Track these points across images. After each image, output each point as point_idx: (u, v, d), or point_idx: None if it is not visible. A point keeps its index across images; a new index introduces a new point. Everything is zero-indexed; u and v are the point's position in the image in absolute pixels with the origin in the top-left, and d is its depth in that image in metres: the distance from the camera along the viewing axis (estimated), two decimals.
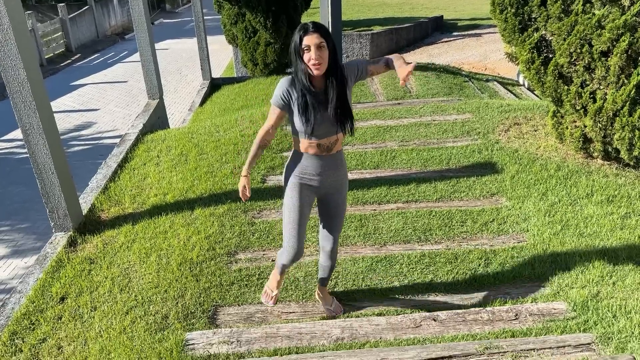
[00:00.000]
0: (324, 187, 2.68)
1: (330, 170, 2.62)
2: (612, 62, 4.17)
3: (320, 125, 2.46)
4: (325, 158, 2.58)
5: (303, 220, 2.68)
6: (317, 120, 2.44)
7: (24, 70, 3.49)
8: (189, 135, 5.55)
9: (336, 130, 2.52)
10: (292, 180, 2.66)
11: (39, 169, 3.80)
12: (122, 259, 3.62)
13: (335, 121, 2.47)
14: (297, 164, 2.63)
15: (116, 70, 18.11)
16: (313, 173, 2.61)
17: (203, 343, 2.70)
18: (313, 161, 2.59)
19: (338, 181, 2.70)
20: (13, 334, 3.11)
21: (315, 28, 2.35)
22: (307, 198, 2.68)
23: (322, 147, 2.54)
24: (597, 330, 2.55)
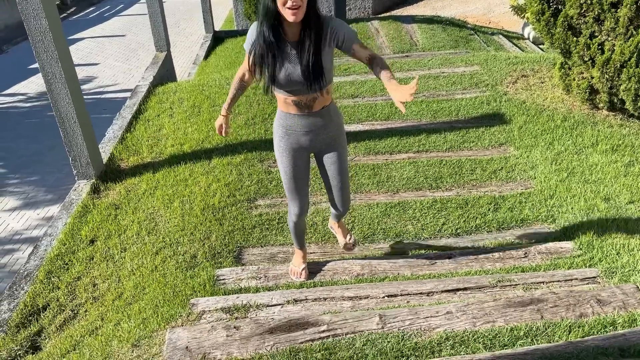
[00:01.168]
0: (315, 145, 2.48)
1: (317, 128, 2.39)
2: (622, 13, 4.23)
3: (288, 81, 2.20)
4: (308, 116, 2.35)
5: (300, 183, 2.56)
6: (286, 76, 2.18)
7: (46, 19, 3.54)
8: (200, 88, 5.62)
9: (309, 88, 2.22)
10: (280, 145, 2.48)
11: (61, 117, 3.90)
12: (146, 205, 3.77)
13: (305, 79, 2.18)
14: (281, 124, 2.43)
15: (113, 24, 17.83)
16: (299, 133, 2.40)
17: (233, 278, 2.88)
18: (296, 120, 2.36)
19: (330, 137, 2.46)
20: (49, 272, 3.29)
21: None
22: (300, 161, 2.51)
23: (300, 104, 2.30)
24: (602, 265, 2.73)
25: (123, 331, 2.59)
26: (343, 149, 2.56)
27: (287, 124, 2.40)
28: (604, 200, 3.52)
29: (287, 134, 2.43)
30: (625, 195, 3.56)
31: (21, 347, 2.82)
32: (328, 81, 2.25)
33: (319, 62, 2.15)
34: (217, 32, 10.40)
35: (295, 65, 2.17)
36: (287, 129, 2.42)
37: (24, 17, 3.52)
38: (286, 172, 2.53)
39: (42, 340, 2.89)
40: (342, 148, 2.55)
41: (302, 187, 2.59)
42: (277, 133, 2.48)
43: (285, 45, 2.17)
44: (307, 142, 2.44)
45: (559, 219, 3.40)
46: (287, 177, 2.54)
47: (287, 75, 2.18)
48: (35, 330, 2.94)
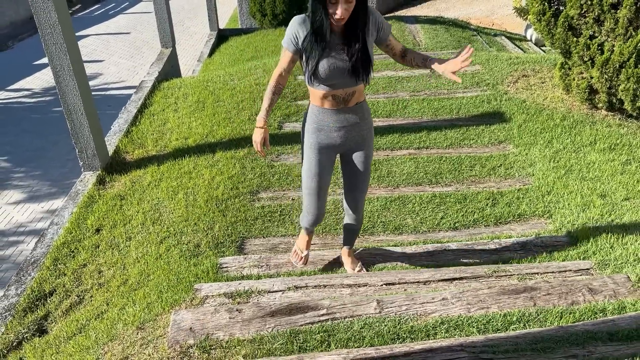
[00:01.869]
0: (345, 144, 2.44)
1: (350, 124, 2.38)
2: (622, 14, 4.30)
3: (334, 74, 2.20)
4: (343, 111, 2.34)
5: (323, 186, 2.52)
6: (330, 67, 2.18)
7: (55, 12, 3.62)
8: (204, 84, 5.70)
9: (352, 80, 2.24)
10: (310, 141, 2.43)
11: (68, 109, 3.98)
12: (151, 196, 3.85)
13: (353, 71, 2.20)
14: (313, 119, 2.39)
15: (118, 22, 17.93)
16: (332, 129, 2.37)
17: (235, 266, 2.95)
18: (330, 115, 2.34)
19: (361, 135, 2.44)
20: (55, 260, 3.37)
21: None
22: (327, 160, 2.47)
23: (338, 98, 2.30)
24: (596, 257, 2.80)
25: (128, 315, 2.66)
26: (370, 150, 2.53)
27: (321, 119, 2.36)
28: (600, 197, 3.58)
29: (319, 129, 2.39)
30: (621, 192, 3.62)
31: (28, 330, 2.90)
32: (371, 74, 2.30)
33: (366, 52, 2.18)
34: (222, 30, 10.48)
35: (341, 55, 2.17)
36: (319, 124, 2.37)
37: (34, 10, 3.60)
38: (311, 168, 2.46)
39: (49, 324, 2.97)
40: (370, 149, 2.53)
41: (323, 186, 2.52)
42: (309, 129, 2.42)
43: (332, 36, 2.17)
44: (338, 139, 2.40)
45: (555, 214, 3.46)
46: (311, 173, 2.47)
47: (330, 66, 2.17)
48: (42, 314, 3.02)
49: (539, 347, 1.88)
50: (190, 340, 2.18)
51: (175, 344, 2.17)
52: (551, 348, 1.88)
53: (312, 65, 2.19)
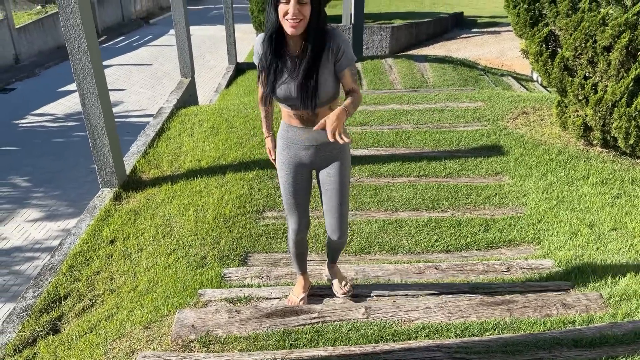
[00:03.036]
0: (316, 162, 2.39)
1: (319, 144, 2.31)
2: (613, 56, 4.55)
3: (287, 96, 2.15)
4: (308, 130, 2.27)
5: (298, 199, 2.48)
6: (282, 88, 2.13)
7: (85, 40, 3.96)
8: (219, 111, 6.02)
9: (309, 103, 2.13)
10: (280, 158, 2.42)
11: (92, 129, 4.28)
12: (163, 212, 4.10)
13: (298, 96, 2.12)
14: (282, 135, 2.38)
15: (141, 54, 18.63)
16: (300, 147, 2.33)
17: (238, 277, 3.16)
18: (297, 133, 2.30)
19: (332, 155, 2.36)
20: (71, 267, 3.61)
21: None
22: (300, 177, 2.43)
23: (301, 118, 2.25)
24: (577, 279, 2.96)
25: (136, 316, 2.87)
26: (344, 169, 2.41)
27: (289, 136, 2.33)
28: (588, 227, 3.76)
29: (287, 146, 2.36)
30: (609, 223, 3.79)
31: (43, 329, 3.11)
32: (326, 98, 2.16)
33: (314, 79, 2.08)
34: (240, 64, 10.93)
35: (296, 78, 2.10)
36: (288, 141, 2.35)
37: (67, 37, 3.95)
38: (285, 186, 2.45)
39: (62, 324, 3.18)
40: (344, 168, 2.41)
41: (300, 203, 2.48)
42: (279, 145, 2.42)
43: (287, 58, 2.12)
44: (307, 158, 2.35)
45: (544, 241, 3.64)
46: (286, 191, 2.46)
47: (286, 88, 2.13)
48: (56, 315, 3.24)
49: (509, 349, 2.06)
50: (192, 336, 2.38)
51: (178, 339, 2.38)
52: (520, 351, 2.05)
53: (266, 85, 2.16)
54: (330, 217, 2.48)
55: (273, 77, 2.14)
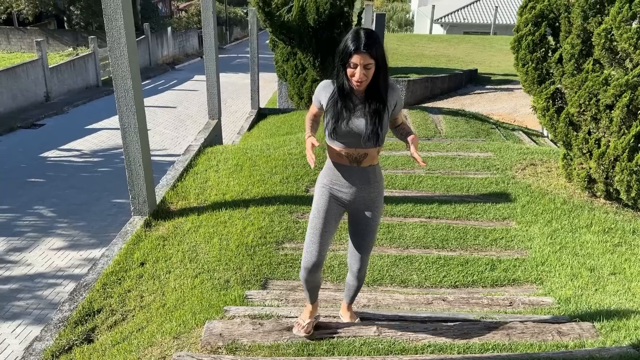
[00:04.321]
0: (354, 202, 2.55)
1: (361, 184, 2.51)
2: (615, 114, 4.87)
3: (348, 132, 2.39)
4: (355, 170, 2.49)
5: (327, 229, 2.56)
6: (346, 126, 2.38)
7: (131, 80, 4.39)
8: (244, 151, 6.41)
9: (365, 142, 2.40)
10: (321, 188, 2.59)
11: (129, 160, 4.66)
12: (190, 239, 4.40)
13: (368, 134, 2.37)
14: (327, 173, 2.57)
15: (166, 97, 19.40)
16: (342, 185, 2.52)
17: (259, 298, 3.42)
18: (342, 171, 2.50)
19: (370, 198, 2.55)
20: (104, 284, 3.89)
21: (367, 47, 2.25)
22: (335, 209, 2.57)
23: (351, 157, 2.46)
24: (573, 314, 3.18)
25: (166, 328, 3.14)
26: (378, 214, 2.61)
27: (334, 174, 2.52)
28: (588, 270, 3.98)
29: (331, 183, 2.54)
30: (608, 268, 4.02)
31: (78, 339, 3.37)
32: (382, 139, 2.44)
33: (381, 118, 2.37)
34: (262, 109, 11.46)
35: (358, 117, 2.38)
36: (332, 178, 2.53)
37: (114, 76, 4.38)
38: (318, 211, 2.56)
39: (95, 335, 3.44)
40: (378, 213, 2.61)
41: (326, 234, 2.56)
42: (322, 181, 2.59)
43: (353, 98, 2.39)
44: (348, 196, 2.52)
45: (546, 282, 3.86)
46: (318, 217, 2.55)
47: (348, 125, 2.37)
48: (90, 327, 3.50)
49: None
50: (220, 343, 2.64)
51: (207, 345, 2.64)
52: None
53: (331, 121, 2.40)
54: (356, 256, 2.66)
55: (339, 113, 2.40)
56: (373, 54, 2.25)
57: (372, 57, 2.26)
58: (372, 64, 2.28)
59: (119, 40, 4.27)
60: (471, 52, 22.74)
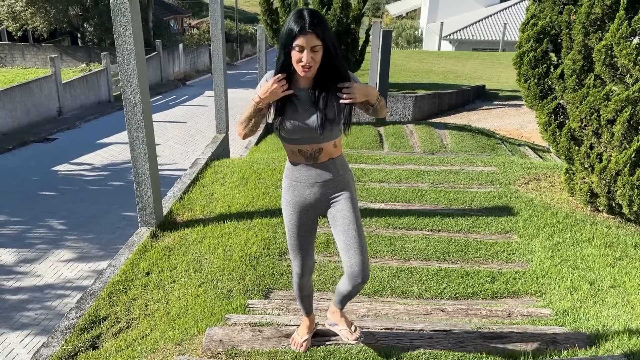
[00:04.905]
0: (322, 201, 2.39)
1: (323, 181, 2.35)
2: (616, 129, 4.92)
3: (296, 127, 2.22)
4: (313, 167, 2.32)
5: (302, 241, 2.46)
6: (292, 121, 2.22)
7: (140, 94, 4.52)
8: (249, 164, 6.51)
9: (317, 136, 2.23)
10: (285, 198, 2.44)
11: (137, 173, 4.77)
12: (195, 250, 4.49)
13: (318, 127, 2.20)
14: (286, 175, 2.43)
15: (176, 112, 19.65)
16: (304, 185, 2.36)
17: (260, 307, 3.49)
18: (301, 171, 2.34)
19: (336, 191, 2.38)
20: (110, 293, 3.98)
21: (313, 26, 2.07)
22: (306, 219, 2.42)
23: (305, 154, 2.29)
24: (571, 325, 3.21)
25: (168, 336, 3.21)
26: (353, 202, 2.40)
27: (293, 175, 2.38)
28: (588, 283, 4.01)
29: (292, 185, 2.39)
30: (608, 281, 4.04)
31: (83, 345, 3.45)
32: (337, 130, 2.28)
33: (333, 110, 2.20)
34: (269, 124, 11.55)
35: (305, 110, 2.22)
36: (292, 180, 2.39)
37: (123, 90, 4.51)
38: (289, 226, 2.45)
39: (100, 342, 3.52)
40: (352, 202, 2.39)
41: (304, 245, 2.46)
42: (284, 185, 2.46)
43: (297, 91, 2.23)
44: (312, 196, 2.37)
45: (545, 294, 3.89)
46: (290, 232, 2.46)
47: (295, 121, 2.21)
48: (96, 334, 3.58)
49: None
50: (220, 349, 2.70)
51: (207, 350, 2.70)
52: None
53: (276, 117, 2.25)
54: (349, 251, 2.34)
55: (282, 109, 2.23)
56: (319, 34, 2.09)
57: (319, 38, 2.10)
58: (319, 45, 2.11)
59: (128, 56, 4.41)
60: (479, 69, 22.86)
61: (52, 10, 24.50)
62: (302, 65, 2.12)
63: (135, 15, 4.31)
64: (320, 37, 2.10)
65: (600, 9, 4.93)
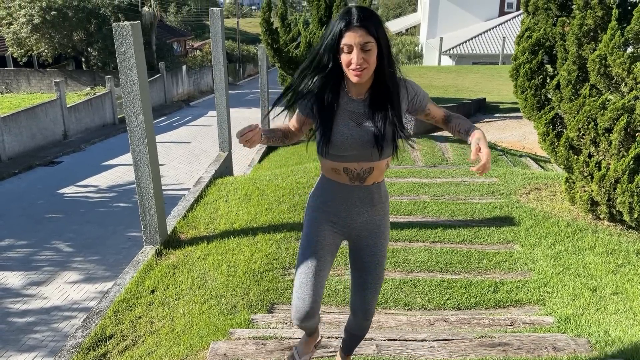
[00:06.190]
0: (355, 229, 2.09)
1: (362, 206, 2.04)
2: (614, 137, 4.96)
3: (350, 144, 1.90)
4: (355, 189, 2.01)
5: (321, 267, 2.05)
6: (344, 135, 1.90)
7: (142, 114, 4.61)
8: (252, 181, 6.58)
9: (371, 154, 1.92)
10: (311, 214, 2.11)
11: (141, 192, 4.84)
12: (199, 267, 4.53)
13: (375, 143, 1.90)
14: (320, 193, 2.09)
15: (180, 132, 19.83)
16: (339, 208, 2.05)
17: (264, 322, 3.52)
18: (339, 191, 2.02)
19: (373, 221, 2.09)
20: (116, 311, 4.02)
21: (362, 20, 1.75)
22: (330, 239, 2.08)
23: (351, 173, 1.97)
24: (573, 332, 3.23)
25: (174, 352, 3.24)
26: (385, 241, 2.14)
27: (330, 194, 2.04)
28: (590, 290, 4.02)
29: (325, 205, 2.06)
30: (610, 288, 4.05)
31: None
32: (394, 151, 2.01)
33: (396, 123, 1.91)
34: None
35: (360, 125, 1.91)
36: (327, 199, 2.06)
37: (127, 112, 4.61)
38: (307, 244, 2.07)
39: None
40: (385, 239, 2.14)
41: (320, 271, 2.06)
42: (314, 204, 2.11)
43: (349, 102, 1.93)
44: (345, 223, 2.07)
45: (548, 302, 3.91)
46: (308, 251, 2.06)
47: (347, 136, 1.90)
48: (102, 352, 3.62)
49: None
50: None
51: None
52: None
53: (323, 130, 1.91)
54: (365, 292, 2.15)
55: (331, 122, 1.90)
56: (372, 30, 1.76)
57: (370, 34, 1.76)
58: (372, 43, 1.77)
59: (131, 78, 4.51)
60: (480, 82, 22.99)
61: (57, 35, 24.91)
62: (353, 69, 1.78)
63: (137, 38, 4.42)
64: (372, 33, 1.77)
65: (592, 20, 5.01)
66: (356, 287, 2.19)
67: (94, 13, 25.23)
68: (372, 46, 1.77)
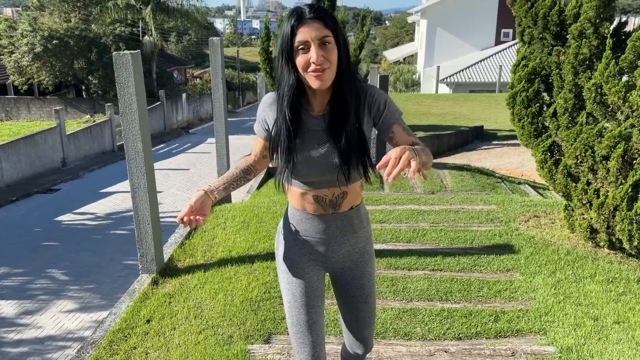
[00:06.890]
0: (336, 261, 1.87)
1: (341, 235, 1.83)
2: (611, 164, 4.97)
3: (315, 168, 1.70)
4: (331, 218, 1.79)
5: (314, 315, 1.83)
6: (309, 159, 1.69)
7: (141, 142, 4.62)
8: (250, 208, 6.56)
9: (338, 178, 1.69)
10: (286, 254, 1.88)
11: (138, 220, 4.81)
12: (195, 296, 4.48)
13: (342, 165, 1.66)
14: (291, 227, 1.85)
15: (179, 159, 19.87)
16: (316, 241, 1.82)
17: (261, 353, 3.46)
18: (315, 223, 1.80)
19: (356, 250, 1.88)
20: (110, 342, 3.95)
21: (316, 12, 1.53)
22: (314, 281, 1.85)
23: (323, 201, 1.76)
24: None
25: None
26: (372, 267, 1.95)
27: (302, 227, 1.82)
28: (592, 319, 3.97)
29: (298, 242, 1.84)
30: (612, 317, 4.00)
31: None
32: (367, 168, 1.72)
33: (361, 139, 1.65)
34: (271, 168, 11.69)
35: (323, 146, 1.69)
36: (299, 234, 1.83)
37: (125, 139, 4.61)
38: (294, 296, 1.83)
39: None
40: (372, 267, 1.94)
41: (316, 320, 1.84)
42: (284, 241, 1.88)
43: (310, 120, 1.70)
44: (325, 256, 1.84)
45: (549, 332, 3.85)
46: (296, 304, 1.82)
47: (311, 159, 1.69)
48: None
49: None
50: None
51: None
52: None
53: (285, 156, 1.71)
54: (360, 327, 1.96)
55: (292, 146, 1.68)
56: (328, 23, 1.55)
57: (328, 27, 1.54)
58: (330, 37, 1.56)
59: (130, 106, 4.53)
60: (477, 110, 23.19)
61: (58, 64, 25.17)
62: (314, 70, 1.55)
63: (136, 67, 4.46)
64: (329, 26, 1.55)
65: (587, 50, 5.08)
66: (349, 323, 1.98)
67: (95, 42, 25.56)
68: (331, 41, 1.56)
